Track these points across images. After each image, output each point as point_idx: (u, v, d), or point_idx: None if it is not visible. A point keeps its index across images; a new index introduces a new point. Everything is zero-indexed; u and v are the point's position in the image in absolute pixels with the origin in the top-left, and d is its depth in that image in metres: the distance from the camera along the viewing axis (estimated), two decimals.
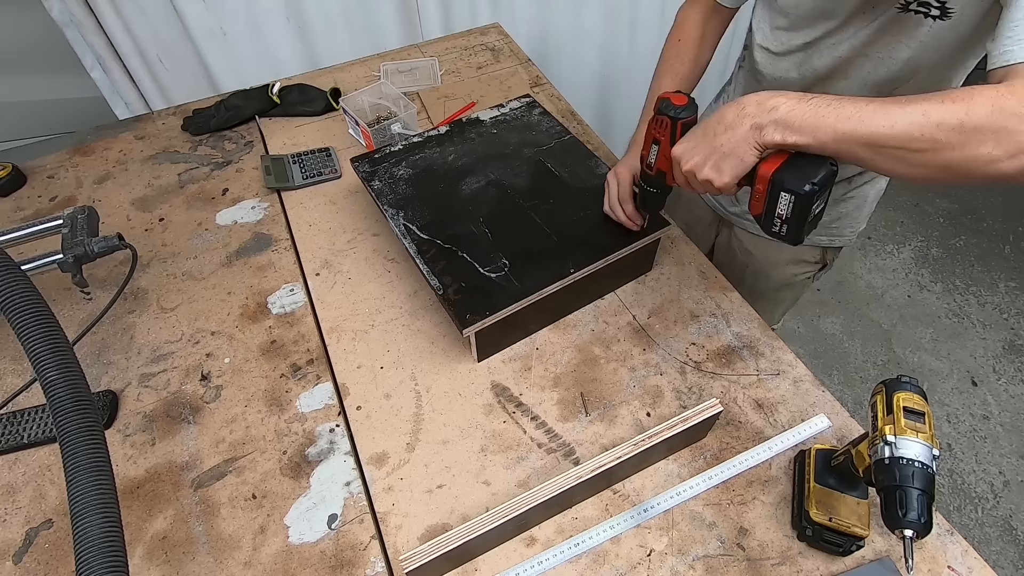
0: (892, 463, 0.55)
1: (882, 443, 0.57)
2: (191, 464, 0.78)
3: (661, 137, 0.71)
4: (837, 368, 1.98)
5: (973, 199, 2.47)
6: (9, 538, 0.73)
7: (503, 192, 0.96)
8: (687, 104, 0.69)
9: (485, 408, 0.83)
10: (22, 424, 0.81)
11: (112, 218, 1.09)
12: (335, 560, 0.70)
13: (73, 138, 1.26)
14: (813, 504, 0.67)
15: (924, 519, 0.53)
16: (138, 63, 1.54)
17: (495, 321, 0.80)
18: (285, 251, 1.03)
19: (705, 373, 0.86)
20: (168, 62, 1.57)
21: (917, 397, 0.59)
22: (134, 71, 1.56)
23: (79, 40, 1.45)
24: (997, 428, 1.83)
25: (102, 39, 1.47)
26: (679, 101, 0.69)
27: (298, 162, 1.16)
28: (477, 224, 0.91)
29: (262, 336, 0.91)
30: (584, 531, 0.71)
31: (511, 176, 0.98)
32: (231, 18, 1.52)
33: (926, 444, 0.55)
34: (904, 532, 0.53)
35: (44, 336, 0.57)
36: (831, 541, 0.66)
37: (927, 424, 0.57)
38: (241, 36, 1.56)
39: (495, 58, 1.43)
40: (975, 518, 1.66)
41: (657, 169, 0.75)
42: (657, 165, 0.74)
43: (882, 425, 0.58)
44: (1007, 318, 2.09)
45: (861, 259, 2.29)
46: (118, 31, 1.47)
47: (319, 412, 0.83)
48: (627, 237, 0.88)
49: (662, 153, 0.72)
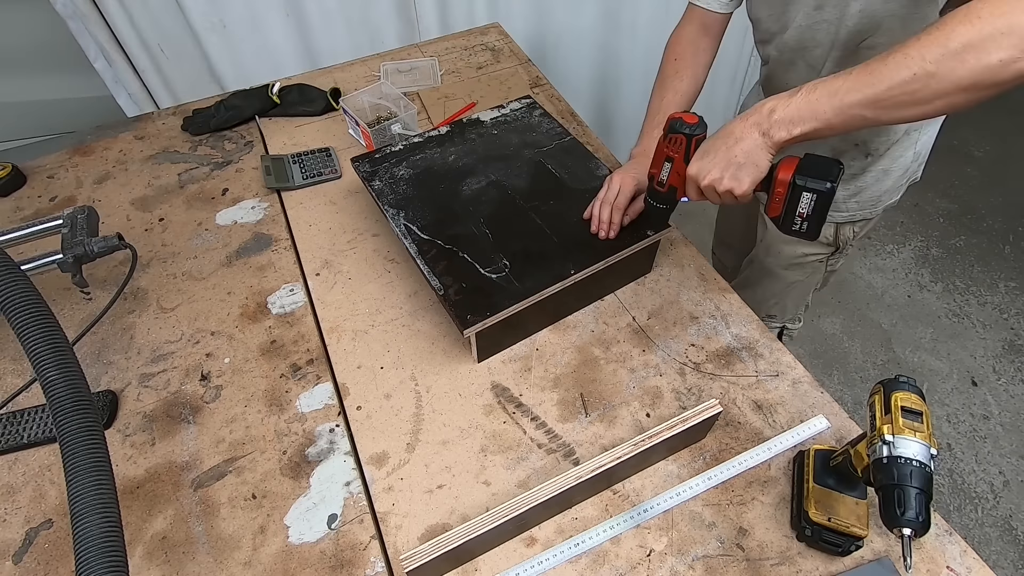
0: (890, 462, 0.55)
1: (880, 442, 0.57)
2: (191, 464, 0.78)
3: (674, 155, 0.74)
4: (837, 368, 1.98)
5: (973, 199, 2.47)
6: (9, 538, 0.73)
7: (503, 193, 0.96)
8: (698, 122, 0.72)
9: (485, 408, 0.83)
10: (22, 424, 0.81)
11: (112, 218, 1.09)
12: (335, 560, 0.70)
13: (73, 138, 1.26)
14: (812, 504, 0.67)
15: (922, 518, 0.53)
16: (141, 53, 1.56)
17: (496, 322, 0.80)
18: (285, 251, 1.03)
19: (704, 374, 0.86)
20: (170, 53, 1.59)
21: (915, 397, 0.59)
22: (137, 61, 1.58)
23: (82, 32, 1.47)
24: (997, 428, 1.83)
25: (105, 31, 1.49)
26: (691, 120, 0.72)
27: (298, 162, 1.16)
28: (478, 225, 0.91)
29: (262, 336, 0.91)
30: (584, 531, 0.71)
31: (511, 177, 0.99)
32: (231, 11, 1.53)
33: (924, 443, 0.55)
34: (903, 530, 0.53)
35: (44, 336, 0.57)
36: (830, 541, 0.66)
37: (925, 424, 0.57)
38: (241, 29, 1.57)
39: (495, 58, 1.43)
40: (975, 518, 1.66)
41: (669, 185, 0.77)
42: (669, 182, 0.76)
43: (880, 425, 0.58)
44: (1007, 318, 2.09)
45: (861, 259, 2.29)
46: (121, 22, 1.48)
47: (319, 412, 0.83)
48: (627, 239, 0.88)
49: (675, 170, 0.75)
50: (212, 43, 1.58)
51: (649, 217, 0.86)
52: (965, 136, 2.69)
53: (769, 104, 0.64)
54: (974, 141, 2.68)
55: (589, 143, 1.21)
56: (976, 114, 2.75)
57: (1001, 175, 2.56)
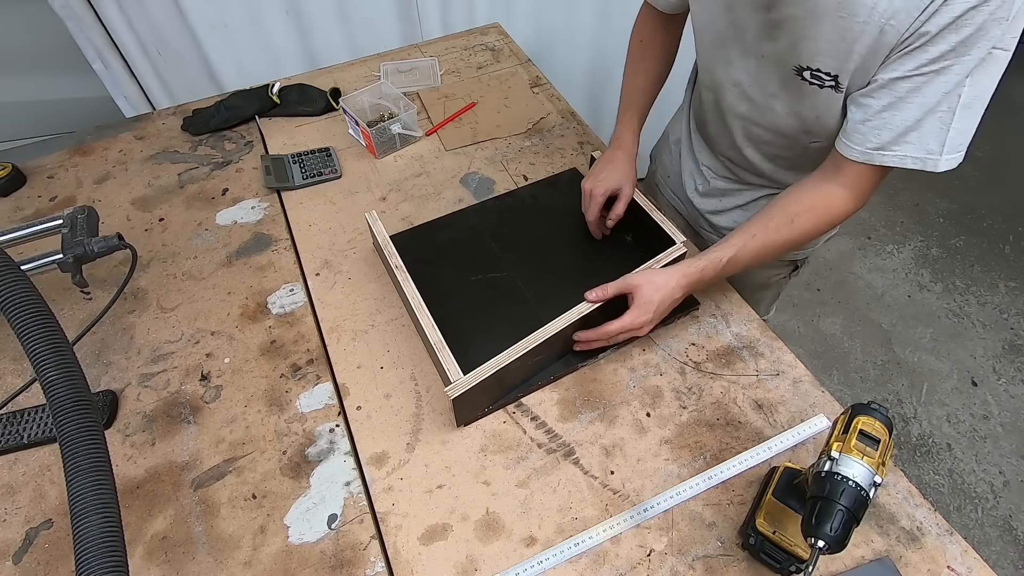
0: (827, 476, 0.57)
1: (826, 458, 0.58)
2: (191, 464, 0.78)
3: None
4: (837, 368, 1.98)
5: (973, 199, 2.47)
6: (9, 538, 0.73)
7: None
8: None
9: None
10: (22, 424, 0.81)
11: (112, 218, 1.09)
12: (335, 560, 0.70)
13: (73, 138, 1.26)
14: (763, 514, 0.66)
15: (838, 534, 0.54)
16: (138, 57, 1.57)
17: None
18: (285, 251, 1.03)
19: (705, 373, 0.86)
20: (167, 56, 1.59)
21: (879, 424, 0.60)
22: (134, 65, 1.58)
23: (80, 34, 1.47)
24: (997, 428, 1.83)
25: (102, 34, 1.49)
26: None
27: (298, 162, 1.16)
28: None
29: (262, 336, 0.91)
30: (584, 531, 0.71)
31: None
32: (231, 11, 1.53)
33: (869, 468, 0.56)
34: (816, 542, 0.54)
35: (44, 336, 0.57)
36: (771, 555, 0.65)
37: (880, 451, 0.58)
38: (241, 29, 1.58)
39: (495, 58, 1.43)
40: (975, 518, 1.66)
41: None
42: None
43: (832, 442, 0.60)
44: (1007, 318, 2.09)
45: (861, 259, 2.29)
46: (118, 25, 1.49)
47: (319, 412, 0.83)
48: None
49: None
50: (211, 44, 1.58)
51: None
52: None
53: (679, 292, 0.80)
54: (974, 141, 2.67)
55: (589, 141, 1.21)
56: None
57: (1001, 175, 2.56)
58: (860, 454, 0.57)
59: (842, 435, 0.60)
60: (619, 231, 0.99)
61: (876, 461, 0.57)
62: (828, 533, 0.54)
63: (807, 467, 0.65)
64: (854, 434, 0.59)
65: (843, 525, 0.54)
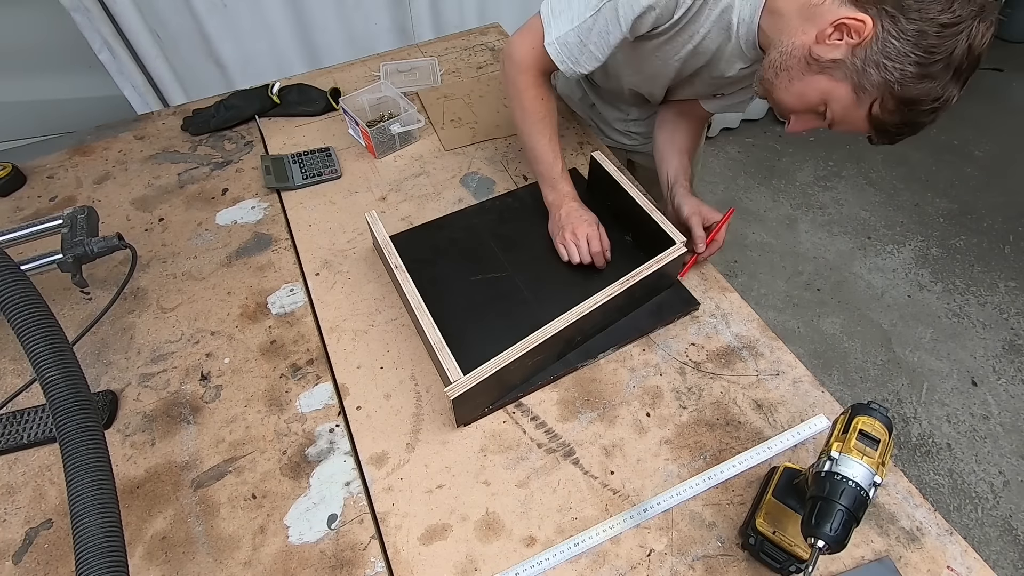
0: (827, 476, 0.57)
1: (826, 458, 0.58)
2: (191, 464, 0.78)
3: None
4: (837, 368, 1.98)
5: (973, 199, 2.47)
6: (9, 538, 0.73)
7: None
8: None
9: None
10: (22, 424, 0.81)
11: (112, 218, 1.09)
12: (335, 560, 0.70)
13: (73, 138, 1.26)
14: (763, 515, 0.66)
15: (838, 534, 0.54)
16: (145, 42, 1.60)
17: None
18: (285, 251, 1.03)
19: (705, 373, 0.86)
20: (170, 40, 1.63)
21: (879, 424, 0.60)
22: (141, 51, 1.62)
23: (86, 24, 1.49)
24: (997, 428, 1.83)
25: (108, 23, 1.53)
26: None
27: (298, 162, 1.16)
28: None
29: (262, 336, 0.91)
30: (584, 531, 0.71)
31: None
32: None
33: (869, 468, 0.56)
34: (816, 542, 0.54)
35: (44, 336, 0.57)
36: (771, 555, 0.65)
37: (880, 451, 0.58)
38: (242, 11, 1.64)
39: (495, 58, 1.43)
40: (975, 518, 1.66)
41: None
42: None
43: (832, 442, 0.60)
44: (1007, 318, 2.09)
45: (861, 259, 2.29)
46: (125, 11, 1.51)
47: (319, 412, 0.83)
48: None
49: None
50: (212, 23, 1.63)
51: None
52: (965, 136, 2.69)
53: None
54: (974, 141, 2.68)
55: (589, 141, 1.21)
56: (976, 114, 2.75)
57: (1001, 175, 2.57)
58: (860, 454, 0.57)
59: (842, 435, 0.60)
60: (619, 231, 0.99)
61: (876, 461, 0.57)
62: (828, 533, 0.54)
63: (807, 467, 0.65)
64: (854, 434, 0.59)
65: (843, 525, 0.54)
